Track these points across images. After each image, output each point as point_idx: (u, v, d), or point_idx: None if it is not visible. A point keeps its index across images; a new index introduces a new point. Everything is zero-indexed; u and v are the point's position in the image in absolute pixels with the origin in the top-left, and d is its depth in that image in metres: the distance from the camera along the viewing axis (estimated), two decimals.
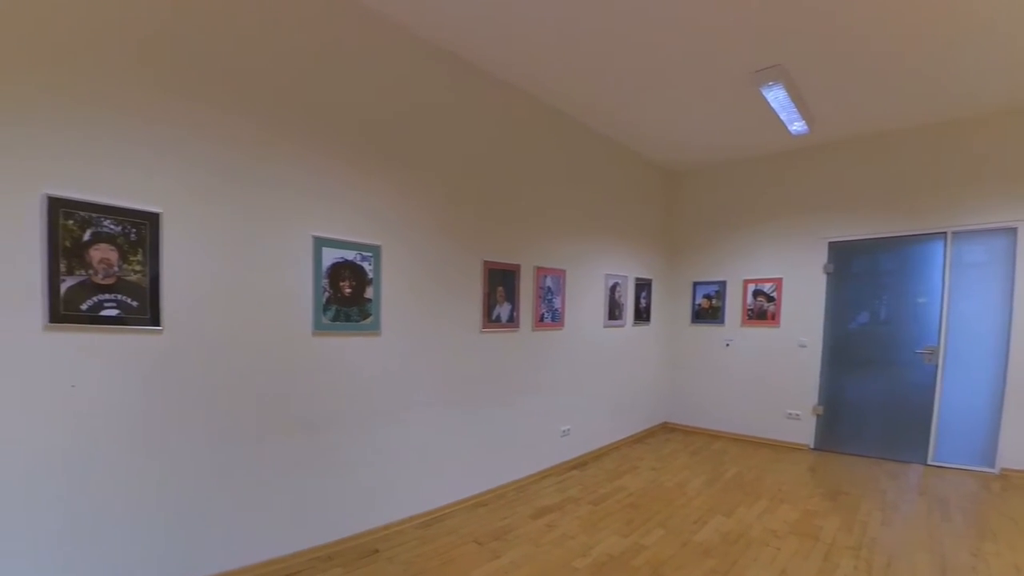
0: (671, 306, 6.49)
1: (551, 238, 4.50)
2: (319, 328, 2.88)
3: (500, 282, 4.00)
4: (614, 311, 5.39)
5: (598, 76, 3.88)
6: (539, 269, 4.35)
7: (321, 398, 2.92)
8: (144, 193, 2.25)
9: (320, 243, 2.86)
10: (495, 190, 3.95)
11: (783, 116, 4.37)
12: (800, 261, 5.44)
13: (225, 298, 2.53)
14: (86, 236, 2.09)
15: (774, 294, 5.61)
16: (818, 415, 5.29)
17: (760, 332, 5.72)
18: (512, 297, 4.11)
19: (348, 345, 3.03)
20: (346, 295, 2.99)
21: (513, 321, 4.12)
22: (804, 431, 5.37)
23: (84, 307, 2.11)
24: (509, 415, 4.10)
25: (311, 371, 2.87)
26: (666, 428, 6.38)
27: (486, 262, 3.86)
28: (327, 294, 2.90)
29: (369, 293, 3.09)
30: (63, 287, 2.05)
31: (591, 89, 4.11)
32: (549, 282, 4.47)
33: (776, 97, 3.99)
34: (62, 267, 2.04)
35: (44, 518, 2.05)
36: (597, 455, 5.06)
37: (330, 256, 2.90)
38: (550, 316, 4.50)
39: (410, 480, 3.38)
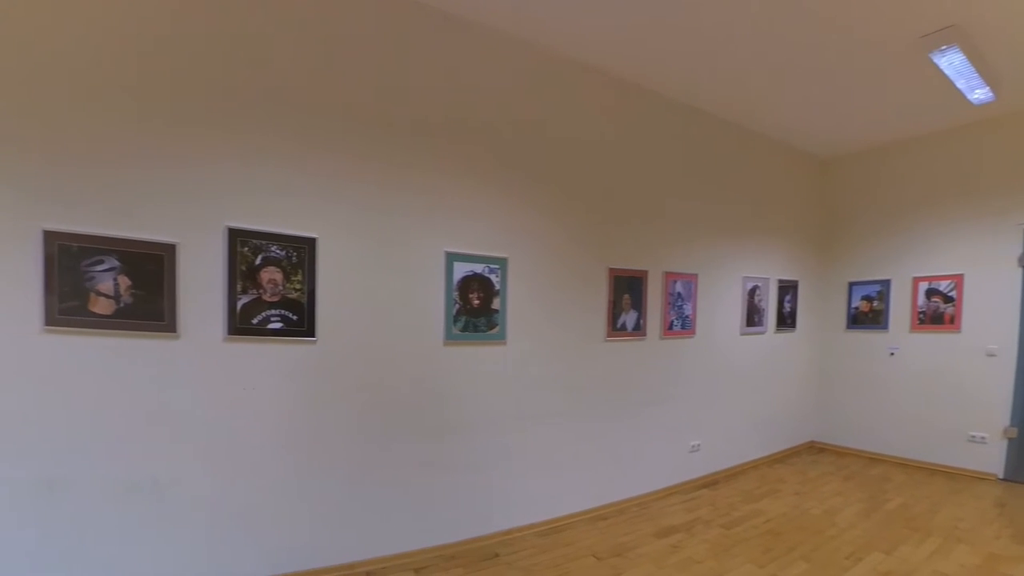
0: (821, 310, 6.02)
1: (681, 241, 4.42)
2: (450, 338, 3.14)
3: (626, 289, 4.02)
4: (753, 317, 5.16)
5: (742, 66, 3.73)
6: (668, 274, 4.30)
7: (450, 404, 3.18)
8: (303, 221, 2.67)
9: (452, 258, 3.12)
10: (621, 195, 3.98)
11: (960, 84, 3.89)
12: (987, 253, 4.76)
13: (369, 311, 2.89)
14: (257, 260, 2.52)
15: (953, 293, 4.99)
16: (1010, 438, 4.62)
17: (935, 339, 5.11)
18: (639, 304, 4.12)
19: (476, 354, 3.27)
20: (474, 306, 3.22)
21: (640, 329, 4.13)
22: (991, 457, 4.73)
23: (255, 321, 2.54)
24: (634, 427, 4.12)
25: (442, 378, 3.15)
26: (813, 448, 5.96)
27: (611, 269, 3.91)
28: (457, 306, 3.15)
29: (496, 304, 3.30)
30: (239, 304, 2.49)
31: (731, 79, 3.96)
32: (679, 287, 4.41)
33: (951, 63, 3.57)
34: (239, 287, 2.48)
35: (212, 502, 2.52)
36: (731, 474, 4.89)
37: (460, 270, 3.15)
38: (680, 323, 4.44)
39: (531, 488, 3.54)
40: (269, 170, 2.59)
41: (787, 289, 5.56)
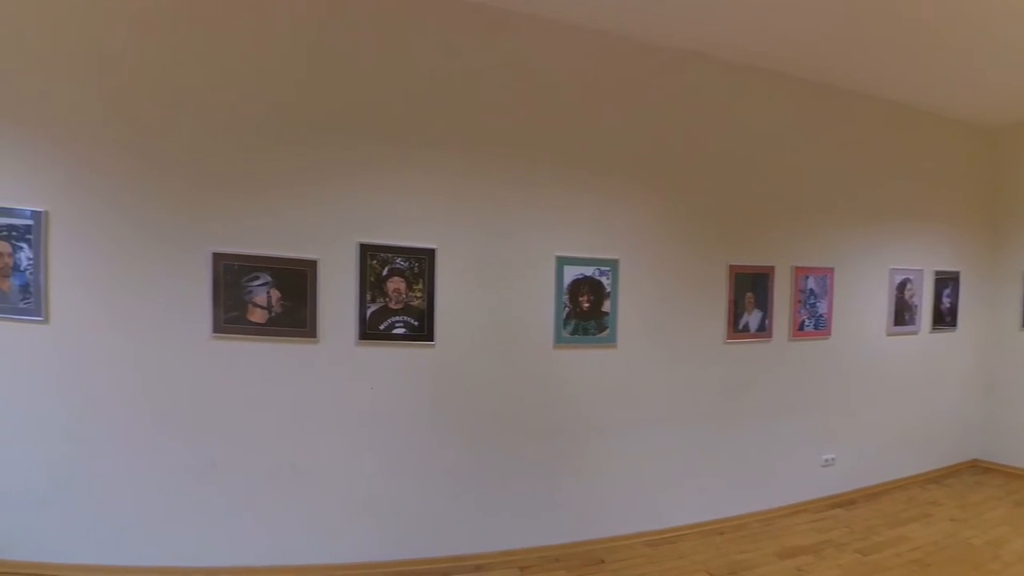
0: (990, 305, 5.52)
1: (814, 233, 4.31)
2: (560, 341, 3.39)
3: (749, 287, 4.03)
4: (902, 314, 4.90)
5: (901, 33, 3.50)
6: (798, 269, 4.22)
7: (560, 407, 3.44)
8: (423, 233, 3.06)
9: (562, 262, 3.35)
10: (742, 187, 3.97)
11: None
12: None
13: (483, 316, 3.22)
14: (384, 272, 2.94)
15: None
16: None
17: None
18: (764, 303, 4.10)
19: (585, 357, 3.48)
20: (584, 309, 3.44)
21: (764, 330, 4.13)
22: None
23: (382, 327, 2.96)
24: (757, 436, 4.12)
25: (552, 381, 3.40)
26: (976, 467, 5.53)
27: (732, 267, 3.93)
28: (567, 309, 3.39)
29: (606, 307, 3.49)
30: (368, 312, 2.93)
31: (887, 49, 3.72)
32: (812, 284, 4.33)
33: None
34: (368, 297, 2.91)
35: (340, 489, 3.01)
36: (871, 493, 4.71)
37: (571, 273, 3.38)
38: (812, 323, 4.36)
39: (641, 495, 3.70)
40: (394, 191, 3.01)
41: (946, 282, 5.19)
